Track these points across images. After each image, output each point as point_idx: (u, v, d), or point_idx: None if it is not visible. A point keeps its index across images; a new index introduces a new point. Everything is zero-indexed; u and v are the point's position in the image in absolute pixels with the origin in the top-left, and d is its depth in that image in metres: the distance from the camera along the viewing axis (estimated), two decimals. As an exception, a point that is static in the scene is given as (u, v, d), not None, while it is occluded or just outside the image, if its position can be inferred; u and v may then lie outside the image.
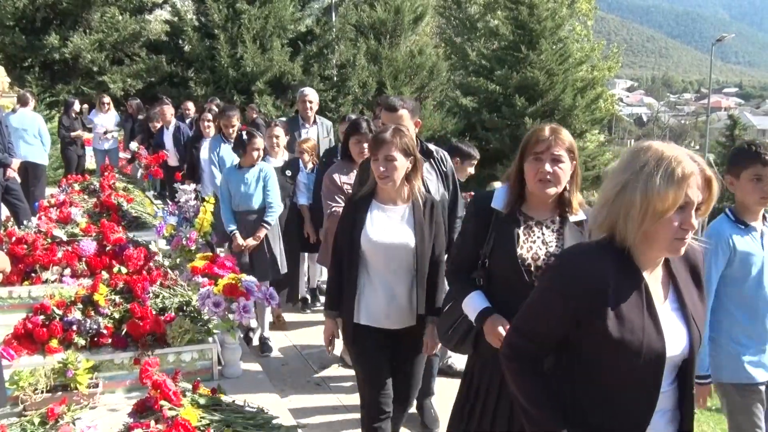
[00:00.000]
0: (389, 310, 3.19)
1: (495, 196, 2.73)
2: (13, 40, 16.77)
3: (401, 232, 3.19)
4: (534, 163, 2.59)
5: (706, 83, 49.36)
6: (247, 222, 5.35)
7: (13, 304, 4.90)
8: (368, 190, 3.26)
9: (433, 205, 3.30)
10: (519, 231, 2.64)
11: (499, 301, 2.65)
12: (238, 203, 5.34)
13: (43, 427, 3.01)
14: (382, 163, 3.11)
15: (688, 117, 79.55)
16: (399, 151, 3.10)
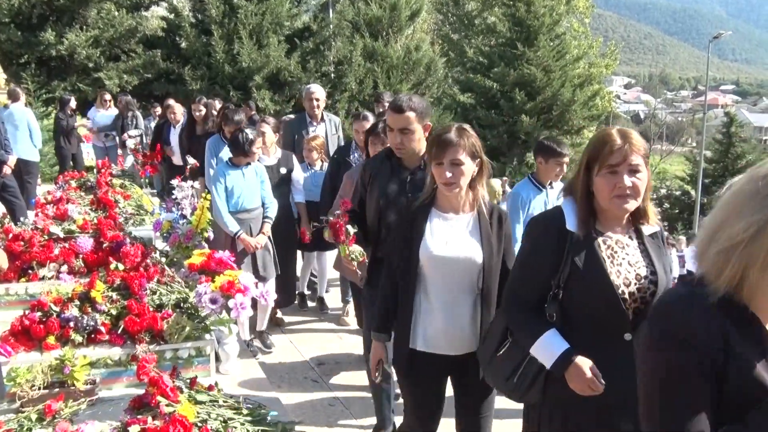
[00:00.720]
0: (450, 333, 2.81)
1: (567, 216, 2.34)
2: (9, 36, 16.72)
3: (466, 244, 2.80)
4: (609, 177, 2.25)
5: (703, 80, 49.36)
6: (249, 221, 5.25)
7: (10, 300, 4.89)
8: (426, 198, 2.87)
9: (501, 215, 2.90)
10: (603, 253, 2.30)
11: (581, 340, 2.28)
12: (240, 202, 5.21)
13: (41, 423, 3.01)
14: (448, 167, 2.72)
15: (685, 114, 79.58)
16: (467, 154, 2.74)
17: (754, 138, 49.37)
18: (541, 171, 4.73)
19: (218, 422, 2.87)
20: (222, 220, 5.08)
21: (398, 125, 3.32)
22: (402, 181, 3.42)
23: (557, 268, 2.29)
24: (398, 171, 3.45)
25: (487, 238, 2.81)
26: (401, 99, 3.39)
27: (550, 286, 2.32)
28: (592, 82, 24.01)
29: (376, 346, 3.03)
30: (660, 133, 55.99)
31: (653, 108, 64.92)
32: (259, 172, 5.33)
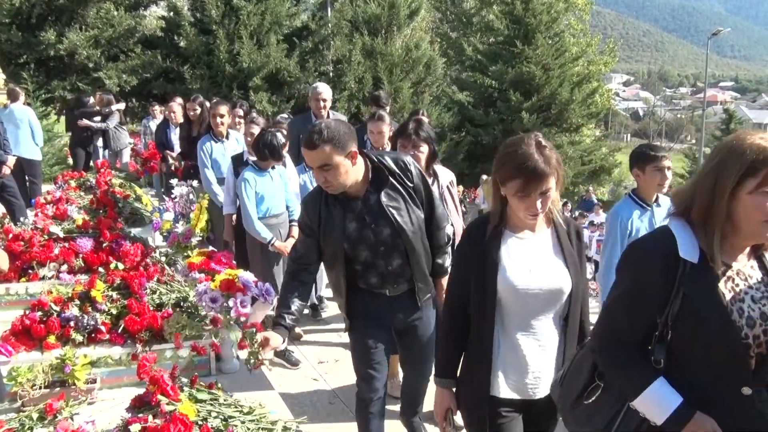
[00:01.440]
0: (537, 374, 2.41)
1: (679, 241, 1.91)
2: (9, 36, 16.71)
3: (552, 269, 2.39)
4: (760, 198, 1.81)
5: (702, 77, 49.39)
6: (277, 226, 5.14)
7: (11, 300, 4.91)
8: (495, 218, 2.42)
9: (577, 228, 2.53)
10: (723, 287, 1.89)
11: (690, 391, 1.90)
12: (268, 208, 5.06)
13: (42, 422, 3.02)
14: (539, 198, 2.28)
15: (684, 111, 79.60)
16: (554, 177, 2.29)
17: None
18: (642, 185, 4.13)
19: (218, 420, 2.88)
20: (254, 228, 4.97)
21: (316, 163, 2.92)
22: (357, 214, 3.08)
23: (666, 304, 1.91)
24: (346, 204, 3.09)
25: (572, 259, 2.42)
26: (313, 131, 2.92)
27: (655, 324, 1.94)
28: (591, 80, 24.01)
29: (443, 395, 2.56)
30: (659, 131, 56.00)
31: (652, 105, 64.96)
32: (282, 175, 5.20)
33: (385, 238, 3.08)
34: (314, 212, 3.12)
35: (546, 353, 2.41)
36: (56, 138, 14.24)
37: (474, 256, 2.41)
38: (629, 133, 70.07)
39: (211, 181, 6.13)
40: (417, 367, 3.55)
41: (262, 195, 5.00)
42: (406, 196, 3.12)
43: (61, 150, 13.88)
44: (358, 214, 3.08)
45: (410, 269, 3.18)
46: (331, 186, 2.98)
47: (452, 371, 2.55)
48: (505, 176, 2.31)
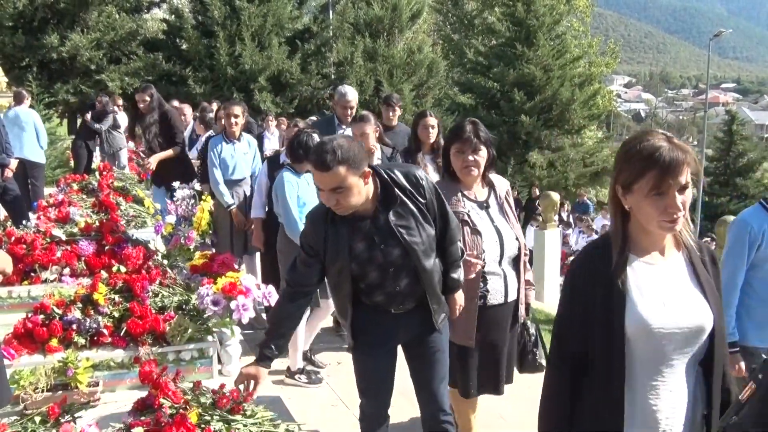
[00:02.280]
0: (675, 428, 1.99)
1: None
2: (12, 40, 16.76)
3: (689, 300, 1.95)
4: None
5: (703, 79, 49.27)
6: None
7: (13, 303, 4.90)
8: (618, 240, 1.95)
9: (713, 255, 2.07)
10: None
11: None
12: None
13: (44, 425, 3.01)
14: (680, 193, 1.86)
15: (686, 112, 79.58)
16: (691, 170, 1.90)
17: (756, 136, 49.36)
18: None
19: (221, 424, 2.88)
20: (298, 232, 4.56)
21: (328, 186, 2.69)
22: (366, 234, 2.89)
23: None
24: (354, 223, 2.88)
25: (710, 289, 1.98)
26: (324, 150, 2.66)
27: None
28: (593, 82, 24.00)
29: None
30: (661, 132, 55.95)
31: (654, 107, 64.87)
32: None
33: (394, 258, 2.90)
34: (319, 231, 2.90)
35: (680, 408, 1.98)
36: (59, 141, 14.26)
37: (594, 287, 1.94)
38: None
39: (219, 180, 5.98)
40: (431, 370, 3.20)
41: (305, 201, 4.77)
42: (416, 213, 2.92)
43: (64, 153, 13.90)
44: (367, 234, 2.88)
45: (420, 289, 3.01)
46: (342, 208, 2.77)
47: (567, 427, 2.03)
48: (631, 175, 1.87)
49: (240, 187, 6.09)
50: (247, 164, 6.10)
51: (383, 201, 2.89)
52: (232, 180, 6.01)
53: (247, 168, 6.12)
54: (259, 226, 5.48)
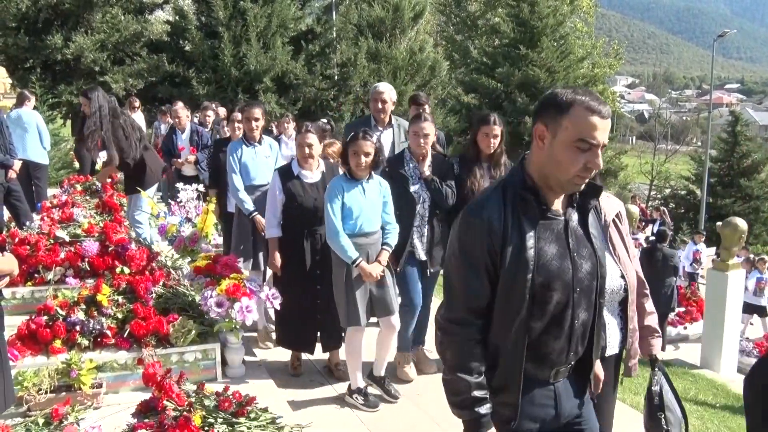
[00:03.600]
0: None
1: None
2: (16, 41, 16.77)
3: None
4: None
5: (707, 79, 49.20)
6: (366, 247, 4.41)
7: (17, 304, 4.92)
8: None
9: None
10: None
11: None
12: (359, 224, 4.35)
13: (48, 427, 3.02)
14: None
15: (689, 113, 79.37)
16: None
17: (760, 136, 49.17)
18: None
19: (225, 426, 2.88)
20: (339, 244, 4.28)
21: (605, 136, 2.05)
22: (557, 235, 2.11)
23: None
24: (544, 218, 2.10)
25: None
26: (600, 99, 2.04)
27: None
28: (596, 82, 23.97)
29: None
30: (665, 133, 55.84)
31: (658, 107, 64.75)
32: (383, 188, 4.49)
33: (583, 276, 2.12)
34: (497, 227, 2.04)
35: None
36: (62, 142, 14.27)
37: None
38: (634, 136, 69.88)
39: (239, 187, 5.51)
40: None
41: (350, 208, 4.31)
42: (602, 230, 2.48)
43: (67, 154, 13.92)
44: (559, 236, 2.11)
45: (590, 335, 2.21)
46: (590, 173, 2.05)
47: None
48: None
49: (262, 192, 5.51)
50: (269, 168, 5.60)
51: (581, 195, 2.19)
52: (254, 185, 5.57)
53: (269, 172, 5.54)
54: (275, 247, 4.82)
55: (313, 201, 4.71)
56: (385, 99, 5.51)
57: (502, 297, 2.06)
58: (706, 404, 5.38)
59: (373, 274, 4.29)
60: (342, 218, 4.30)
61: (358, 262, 4.27)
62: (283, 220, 4.78)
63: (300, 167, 4.80)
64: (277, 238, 4.79)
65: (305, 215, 4.71)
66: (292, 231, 4.74)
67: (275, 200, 4.79)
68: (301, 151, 4.75)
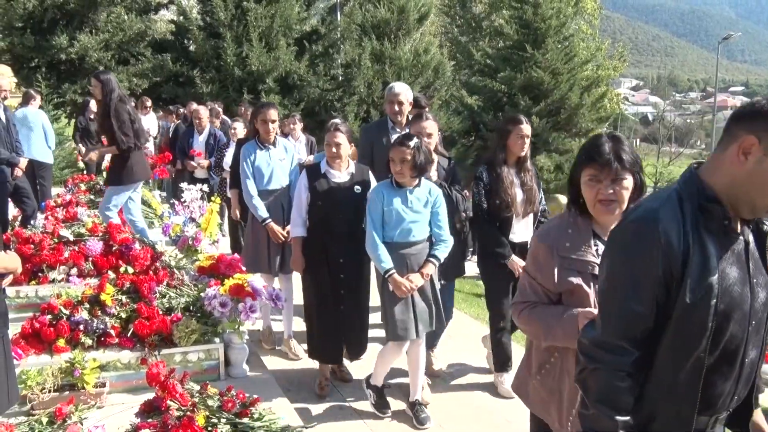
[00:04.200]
0: None
1: None
2: (22, 40, 16.83)
3: None
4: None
5: (712, 82, 49.13)
6: (408, 257, 4.17)
7: (21, 303, 4.92)
8: None
9: None
10: None
11: None
12: (401, 233, 4.12)
13: (51, 426, 3.02)
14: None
15: (694, 116, 79.28)
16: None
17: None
18: None
19: (228, 427, 2.87)
20: (375, 252, 4.11)
21: None
22: (738, 256, 1.83)
23: None
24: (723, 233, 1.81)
25: None
26: None
27: None
28: (600, 85, 23.91)
29: None
30: (669, 135, 55.78)
31: (662, 110, 64.65)
32: (432, 197, 4.21)
33: (758, 306, 1.85)
34: (678, 240, 1.74)
35: None
36: (67, 141, 14.31)
37: None
38: (638, 138, 69.82)
39: (252, 193, 5.29)
40: None
41: (392, 216, 4.09)
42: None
43: (72, 153, 13.95)
44: (739, 257, 1.82)
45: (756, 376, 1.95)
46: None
47: None
48: None
49: (276, 197, 5.38)
50: (284, 172, 5.42)
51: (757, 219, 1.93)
52: (268, 190, 5.35)
53: (285, 176, 5.42)
54: (299, 247, 4.65)
55: (339, 201, 4.51)
56: (401, 100, 5.26)
57: (677, 327, 1.73)
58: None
59: (402, 287, 4.02)
60: (383, 226, 4.11)
61: (390, 273, 4.03)
62: (309, 219, 4.60)
63: (328, 166, 4.59)
64: (302, 238, 4.62)
65: (330, 216, 4.50)
66: (317, 231, 4.57)
67: (301, 199, 4.62)
68: (329, 151, 4.55)
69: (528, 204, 4.62)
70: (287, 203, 5.29)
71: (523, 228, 4.70)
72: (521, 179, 4.61)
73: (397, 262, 4.08)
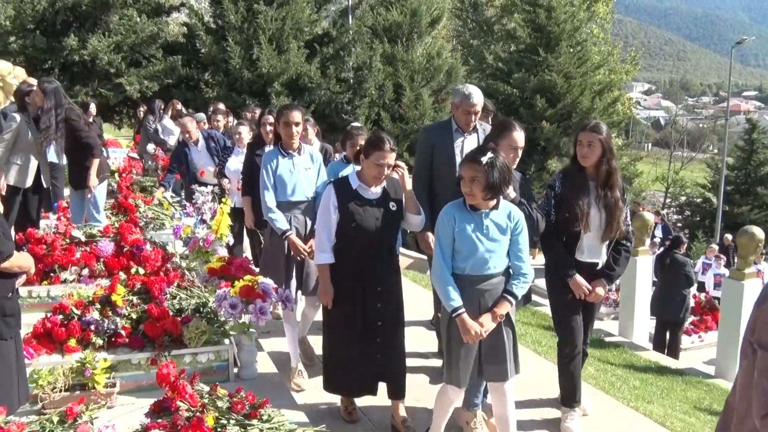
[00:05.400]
0: None
1: None
2: (34, 42, 16.95)
3: None
4: None
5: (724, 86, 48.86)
6: (483, 293, 3.52)
7: (33, 303, 4.95)
8: None
9: None
10: None
11: None
12: (474, 264, 3.47)
13: (62, 425, 3.03)
14: None
15: (706, 120, 78.83)
16: None
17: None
18: None
19: (237, 428, 2.88)
20: (442, 287, 3.49)
21: None
22: None
23: None
24: None
25: None
26: None
27: None
28: (612, 89, 23.86)
29: None
30: (681, 140, 55.49)
31: (674, 114, 64.33)
32: (512, 222, 3.53)
33: None
34: None
35: None
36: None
37: None
38: (650, 143, 69.53)
39: (270, 206, 4.67)
40: None
41: (462, 244, 3.46)
42: None
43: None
44: None
45: None
46: None
47: None
48: None
49: (300, 210, 4.78)
50: (309, 183, 4.78)
51: None
52: (291, 201, 4.72)
53: (310, 187, 4.78)
54: (327, 276, 4.06)
55: (374, 221, 3.95)
56: (478, 110, 4.75)
57: None
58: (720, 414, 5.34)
59: (471, 332, 3.41)
60: (452, 254, 3.48)
61: (459, 313, 3.42)
62: (337, 243, 4.02)
63: (359, 180, 4.01)
64: (329, 265, 4.03)
65: (365, 238, 3.95)
66: (349, 256, 3.99)
67: (329, 219, 3.99)
68: (379, 171, 3.89)
69: (606, 222, 4.09)
70: (311, 217, 4.70)
71: (596, 247, 4.19)
72: (606, 202, 4.08)
73: (468, 298, 3.46)
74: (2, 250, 2.90)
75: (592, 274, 4.20)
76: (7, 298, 2.99)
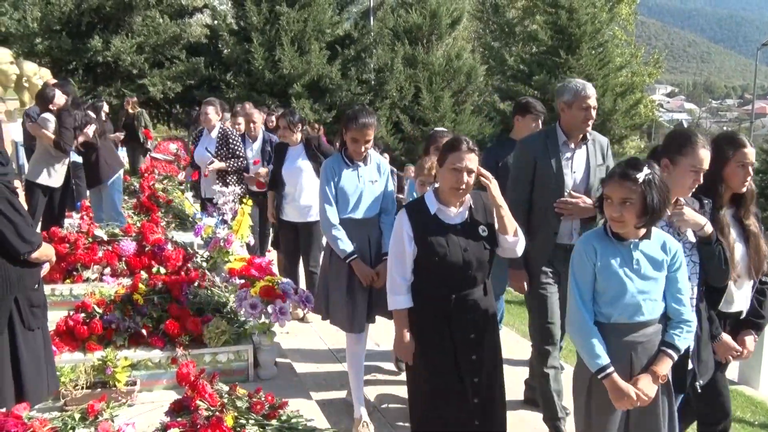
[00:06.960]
0: None
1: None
2: (59, 43, 17.17)
3: None
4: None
5: (749, 88, 48.26)
6: (632, 349, 2.79)
7: (55, 301, 5.00)
8: None
9: None
10: None
11: None
12: (623, 312, 2.76)
13: (83, 422, 3.06)
14: None
15: (730, 123, 77.94)
16: None
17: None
18: None
19: (256, 428, 2.88)
20: (585, 339, 2.79)
21: None
22: None
23: None
24: None
25: None
26: None
27: None
28: (635, 91, 23.66)
29: None
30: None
31: (697, 117, 63.65)
32: (669, 255, 2.81)
33: None
34: None
35: None
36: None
37: None
38: (673, 145, 68.87)
39: (333, 222, 4.08)
40: None
41: (607, 283, 2.77)
42: None
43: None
44: None
45: None
46: None
47: None
48: None
49: (365, 229, 4.18)
50: (375, 198, 4.20)
51: None
52: (354, 219, 4.13)
53: (376, 203, 4.21)
54: (405, 326, 3.22)
55: (461, 252, 3.11)
56: (595, 105, 3.97)
57: None
58: (744, 422, 5.23)
59: (628, 398, 2.71)
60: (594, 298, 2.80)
61: (608, 373, 2.72)
62: (416, 282, 3.20)
63: (438, 201, 3.19)
64: (407, 311, 3.21)
65: (450, 274, 3.13)
66: (432, 298, 3.19)
67: (403, 252, 3.18)
68: (458, 178, 3.07)
69: (752, 262, 3.27)
70: (375, 237, 4.19)
71: (743, 292, 3.35)
72: (742, 226, 3.33)
73: (617, 353, 2.75)
74: (32, 241, 2.96)
75: (737, 323, 3.39)
76: (34, 290, 3.04)
